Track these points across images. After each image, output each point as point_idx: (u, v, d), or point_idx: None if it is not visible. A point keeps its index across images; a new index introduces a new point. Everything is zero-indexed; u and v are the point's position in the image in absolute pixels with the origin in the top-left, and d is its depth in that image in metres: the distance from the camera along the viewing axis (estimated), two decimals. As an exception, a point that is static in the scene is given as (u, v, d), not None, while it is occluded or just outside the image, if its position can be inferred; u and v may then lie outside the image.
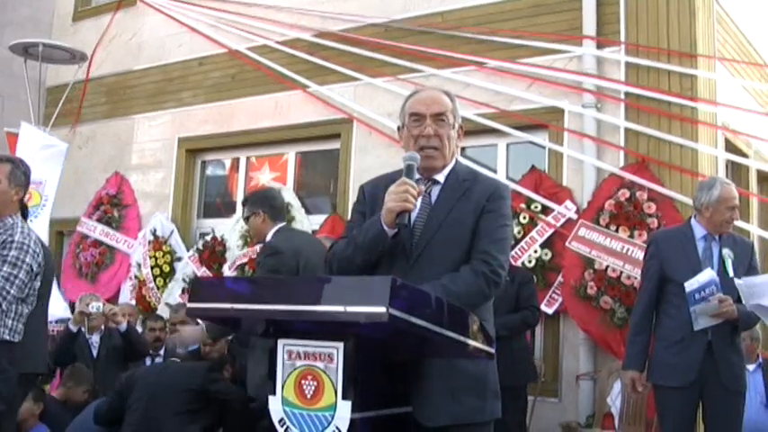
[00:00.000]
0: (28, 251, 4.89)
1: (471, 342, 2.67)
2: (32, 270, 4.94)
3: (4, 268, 4.76)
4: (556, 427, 7.06)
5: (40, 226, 8.49)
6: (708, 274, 4.90)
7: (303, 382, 2.63)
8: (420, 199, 3.11)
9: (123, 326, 6.97)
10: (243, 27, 9.88)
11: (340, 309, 2.34)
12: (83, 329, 7.14)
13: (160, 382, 5.77)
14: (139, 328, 8.00)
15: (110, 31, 11.34)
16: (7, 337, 4.89)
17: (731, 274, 4.96)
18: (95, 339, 7.24)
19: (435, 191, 3.21)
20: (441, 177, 3.23)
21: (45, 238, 8.94)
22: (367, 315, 2.30)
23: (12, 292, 4.78)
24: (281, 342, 2.69)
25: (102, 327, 7.27)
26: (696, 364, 4.90)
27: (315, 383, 2.60)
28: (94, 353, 7.18)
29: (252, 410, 5.97)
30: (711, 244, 5.12)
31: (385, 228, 3.01)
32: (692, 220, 5.22)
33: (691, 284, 4.88)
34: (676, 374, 4.96)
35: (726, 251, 5.06)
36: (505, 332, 5.76)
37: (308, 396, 2.61)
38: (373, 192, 3.29)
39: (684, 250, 5.13)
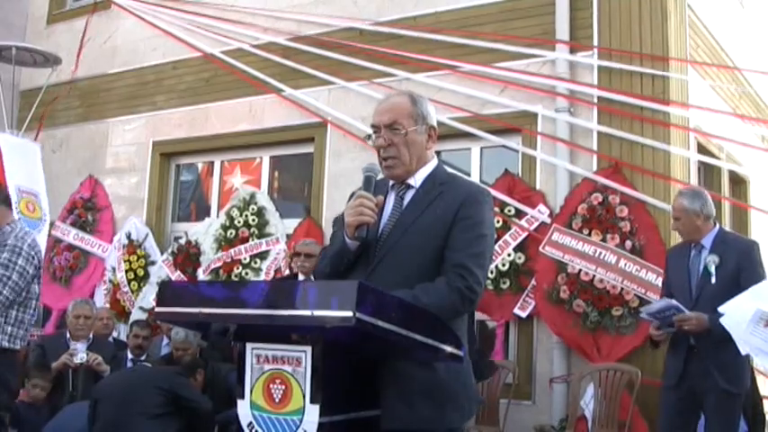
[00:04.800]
0: (20, 253, 5.00)
1: (439, 345, 2.67)
2: (27, 272, 5.01)
3: None
4: (529, 430, 7.09)
5: (40, 241, 8.42)
6: (663, 303, 5.20)
7: (271, 386, 2.62)
8: (392, 204, 3.10)
9: (107, 373, 6.88)
10: (217, 31, 9.86)
11: (307, 313, 2.34)
12: (67, 336, 7.19)
13: (130, 384, 5.75)
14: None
15: (84, 33, 11.27)
16: (6, 345, 4.94)
17: (713, 281, 5.17)
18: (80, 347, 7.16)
19: (409, 195, 3.12)
20: (416, 181, 3.12)
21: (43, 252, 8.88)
22: (334, 319, 2.30)
23: (4, 292, 4.85)
24: (249, 346, 2.68)
25: (91, 336, 7.26)
26: (680, 365, 5.20)
27: (283, 387, 2.59)
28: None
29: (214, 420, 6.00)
30: (701, 251, 5.32)
31: (347, 241, 3.01)
32: None
33: (648, 309, 5.32)
34: (667, 375, 5.37)
35: (710, 258, 5.23)
36: None
37: (277, 400, 2.60)
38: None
39: (680, 262, 5.43)
